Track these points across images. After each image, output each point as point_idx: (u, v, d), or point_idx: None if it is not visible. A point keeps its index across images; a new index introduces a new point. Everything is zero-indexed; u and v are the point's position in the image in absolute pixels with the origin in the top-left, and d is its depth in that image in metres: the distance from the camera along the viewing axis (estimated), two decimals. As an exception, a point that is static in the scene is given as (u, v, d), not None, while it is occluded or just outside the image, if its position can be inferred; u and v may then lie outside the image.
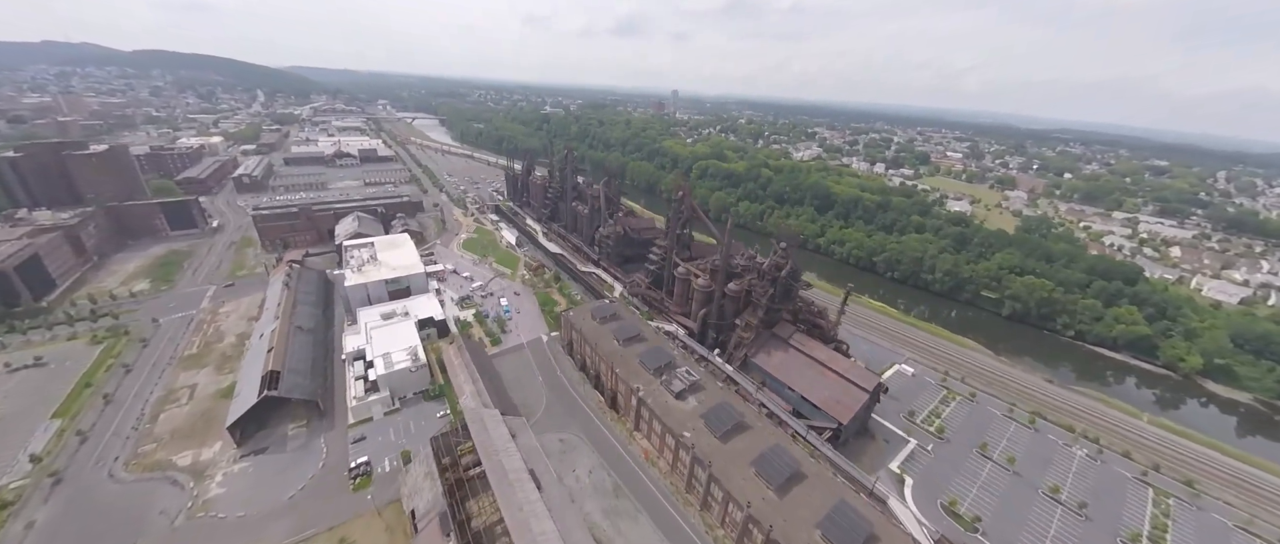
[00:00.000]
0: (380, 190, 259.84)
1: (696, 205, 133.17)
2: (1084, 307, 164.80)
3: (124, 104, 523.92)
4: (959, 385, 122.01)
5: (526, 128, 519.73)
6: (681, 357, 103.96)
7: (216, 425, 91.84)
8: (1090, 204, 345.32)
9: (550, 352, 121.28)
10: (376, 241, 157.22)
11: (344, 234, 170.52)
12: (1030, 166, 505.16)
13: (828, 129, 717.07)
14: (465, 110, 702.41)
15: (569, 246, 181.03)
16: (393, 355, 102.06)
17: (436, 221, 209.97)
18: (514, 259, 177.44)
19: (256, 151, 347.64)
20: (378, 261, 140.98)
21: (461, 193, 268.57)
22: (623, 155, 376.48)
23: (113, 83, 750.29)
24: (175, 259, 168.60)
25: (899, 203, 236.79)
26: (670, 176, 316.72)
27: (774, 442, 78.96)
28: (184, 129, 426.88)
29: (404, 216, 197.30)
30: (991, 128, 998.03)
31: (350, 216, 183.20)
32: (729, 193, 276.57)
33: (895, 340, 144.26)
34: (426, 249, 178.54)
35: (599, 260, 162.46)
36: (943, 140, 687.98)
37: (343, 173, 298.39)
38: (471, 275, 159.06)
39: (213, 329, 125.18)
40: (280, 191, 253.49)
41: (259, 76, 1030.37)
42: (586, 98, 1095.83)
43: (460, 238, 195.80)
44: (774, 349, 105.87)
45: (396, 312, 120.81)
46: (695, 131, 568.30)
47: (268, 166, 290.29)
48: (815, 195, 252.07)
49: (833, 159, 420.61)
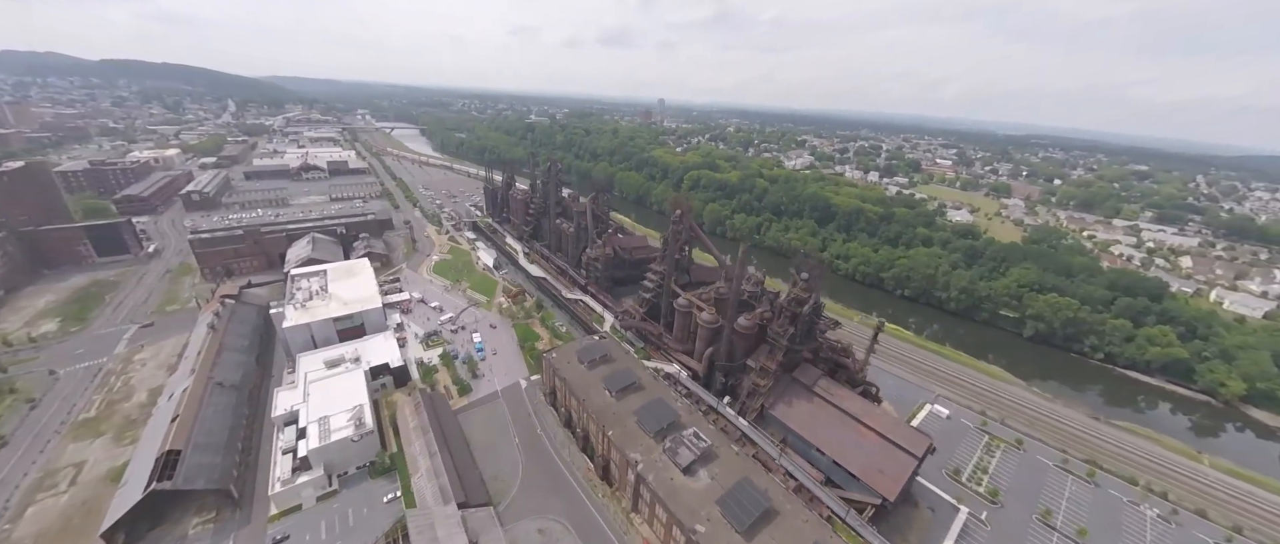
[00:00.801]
0: (346, 207, 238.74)
1: (697, 226, 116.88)
2: (1113, 327, 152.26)
3: (79, 115, 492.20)
4: (1001, 429, 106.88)
5: (510, 137, 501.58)
6: (686, 410, 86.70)
7: (98, 523, 71.51)
8: (1087, 211, 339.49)
9: (530, 401, 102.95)
10: (330, 269, 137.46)
11: (295, 260, 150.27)
12: (1019, 173, 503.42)
13: (815, 137, 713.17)
14: (447, 119, 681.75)
15: (553, 269, 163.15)
16: (333, 420, 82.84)
17: (406, 241, 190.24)
18: (491, 283, 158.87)
19: (216, 165, 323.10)
20: (328, 294, 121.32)
21: (437, 208, 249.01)
22: (610, 165, 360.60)
23: (73, 93, 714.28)
24: (97, 292, 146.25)
25: (903, 214, 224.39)
26: (660, 187, 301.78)
27: (813, 539, 61.91)
28: (141, 141, 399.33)
29: (368, 237, 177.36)
30: (972, 134, 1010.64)
31: (305, 239, 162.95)
32: (723, 204, 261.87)
33: (920, 372, 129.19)
34: (391, 275, 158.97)
35: (587, 285, 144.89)
36: (929, 147, 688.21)
37: (308, 187, 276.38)
38: (441, 305, 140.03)
39: (121, 383, 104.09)
40: (235, 209, 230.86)
41: (232, 86, 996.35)
42: (574, 107, 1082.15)
43: (432, 260, 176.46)
44: (796, 398, 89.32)
45: (345, 357, 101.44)
46: (684, 140, 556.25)
47: (224, 181, 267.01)
48: (814, 207, 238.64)
49: (826, 167, 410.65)
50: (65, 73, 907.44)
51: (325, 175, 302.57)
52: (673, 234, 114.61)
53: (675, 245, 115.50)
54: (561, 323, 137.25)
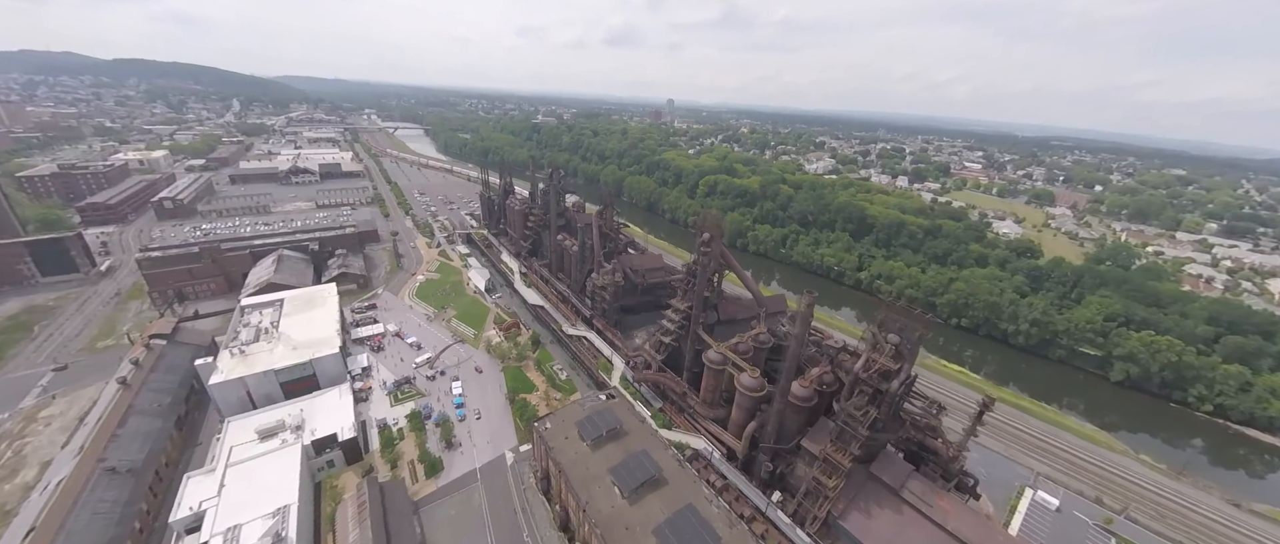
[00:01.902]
0: (332, 215, 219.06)
1: (729, 253, 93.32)
2: (1224, 374, 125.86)
3: (77, 114, 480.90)
4: (1129, 526, 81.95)
5: (515, 138, 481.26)
6: (726, 521, 63.29)
7: None
8: (1141, 222, 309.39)
9: (516, 487, 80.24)
10: (289, 298, 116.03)
11: (256, 283, 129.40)
12: (1055, 178, 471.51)
13: (832, 138, 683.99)
14: (452, 119, 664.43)
15: (553, 296, 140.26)
16: (245, 530, 60.81)
17: (390, 257, 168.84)
18: (482, 311, 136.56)
19: (203, 167, 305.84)
20: (276, 334, 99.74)
21: (431, 215, 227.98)
22: (619, 168, 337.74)
23: (80, 92, 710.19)
24: (28, 319, 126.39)
25: (952, 228, 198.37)
26: (674, 193, 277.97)
27: None
28: (133, 142, 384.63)
29: (345, 254, 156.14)
30: (993, 136, 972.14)
31: (270, 257, 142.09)
32: (743, 214, 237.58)
33: (1006, 437, 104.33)
34: (367, 300, 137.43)
35: (592, 318, 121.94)
36: (954, 150, 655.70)
37: (295, 192, 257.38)
38: (419, 342, 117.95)
39: (11, 453, 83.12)
40: (212, 217, 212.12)
41: (241, 85, 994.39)
42: (581, 107, 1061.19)
43: (417, 280, 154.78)
44: (877, 505, 65.52)
45: (284, 424, 79.55)
46: (696, 142, 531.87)
47: (206, 186, 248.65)
48: (848, 218, 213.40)
49: (849, 171, 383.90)
50: (78, 72, 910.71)
51: (316, 179, 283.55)
52: (701, 265, 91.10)
53: (703, 278, 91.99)
54: (561, 365, 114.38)
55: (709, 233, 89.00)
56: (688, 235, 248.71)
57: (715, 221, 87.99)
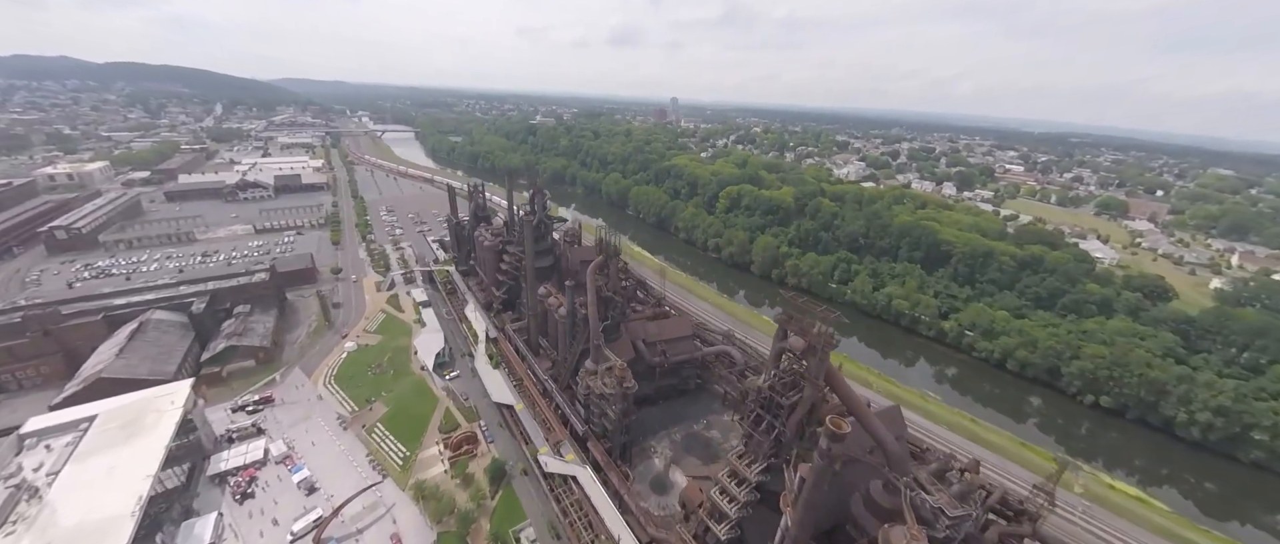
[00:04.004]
0: (265, 242, 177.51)
1: (839, 373, 49.34)
2: None
3: (35, 121, 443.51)
4: None
5: (509, 142, 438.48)
6: None
7: None
8: (1237, 238, 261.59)
9: None
10: (101, 418, 73.24)
11: (87, 374, 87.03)
12: (1109, 182, 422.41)
13: (850, 136, 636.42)
14: (444, 121, 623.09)
15: (531, 387, 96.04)
16: None
17: (320, 311, 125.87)
18: (426, 406, 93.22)
19: (146, 180, 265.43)
20: (40, 502, 57.20)
21: (392, 242, 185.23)
22: (623, 176, 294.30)
23: (60, 96, 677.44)
24: None
25: (1055, 259, 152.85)
26: (689, 207, 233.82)
27: None
28: (82, 150, 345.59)
29: (249, 312, 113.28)
30: (1002, 132, 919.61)
31: (127, 328, 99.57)
32: (776, 234, 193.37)
33: None
34: (258, 390, 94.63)
35: (585, 436, 78.14)
36: (984, 148, 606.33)
37: (238, 211, 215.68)
38: (311, 478, 74.98)
39: None
40: (116, 249, 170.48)
41: (230, 88, 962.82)
42: (582, 106, 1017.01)
43: (346, 348, 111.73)
44: None
45: None
46: (707, 143, 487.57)
47: (132, 205, 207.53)
48: (914, 243, 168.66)
49: (884, 176, 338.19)
50: (68, 76, 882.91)
51: (269, 194, 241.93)
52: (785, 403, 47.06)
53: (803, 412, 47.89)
54: (534, 528, 70.75)
55: (810, 340, 44.96)
56: (708, 262, 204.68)
57: (824, 338, 44.06)
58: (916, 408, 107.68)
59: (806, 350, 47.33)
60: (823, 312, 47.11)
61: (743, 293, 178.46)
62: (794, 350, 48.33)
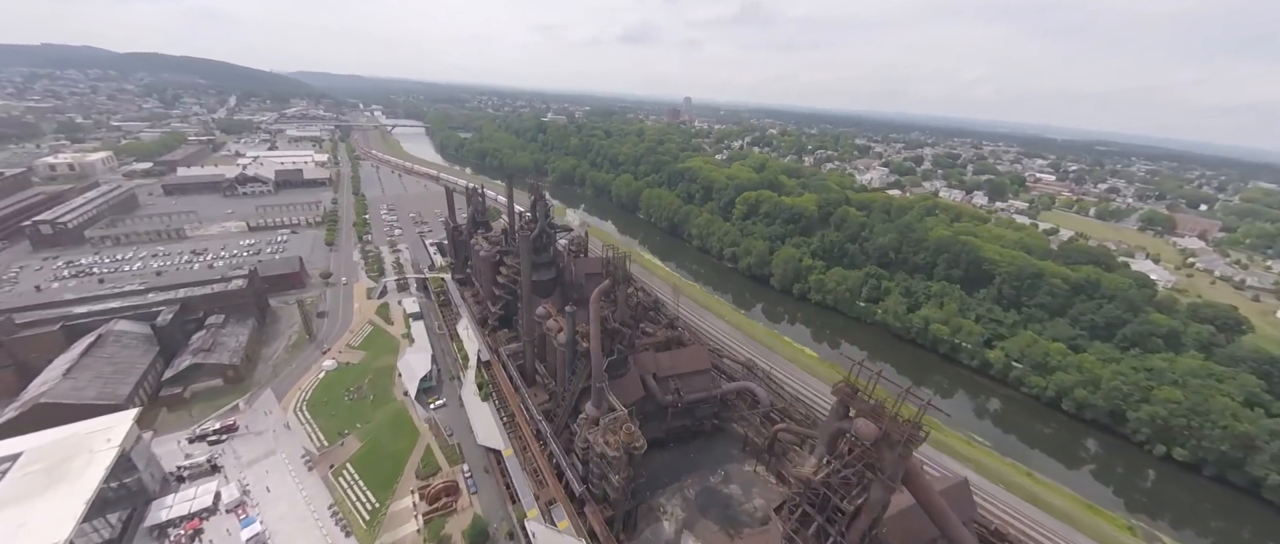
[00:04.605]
0: (257, 241, 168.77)
1: (919, 470, 36.78)
2: None
3: (45, 108, 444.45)
4: None
5: (518, 140, 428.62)
6: None
7: None
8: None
9: None
10: (31, 451, 63.17)
11: (29, 397, 77.40)
12: (1148, 194, 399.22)
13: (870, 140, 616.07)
14: (454, 117, 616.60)
15: (524, 426, 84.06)
16: None
17: (303, 322, 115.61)
18: (405, 441, 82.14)
19: (148, 172, 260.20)
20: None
21: (389, 244, 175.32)
22: (635, 178, 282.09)
23: (80, 85, 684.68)
24: None
25: (1114, 284, 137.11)
26: (704, 212, 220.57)
27: None
28: (90, 140, 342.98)
29: (221, 324, 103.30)
30: (1026, 139, 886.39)
31: (84, 341, 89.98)
32: (799, 245, 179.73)
33: None
34: (220, 417, 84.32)
35: (581, 500, 66.03)
36: (1011, 155, 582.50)
37: (234, 206, 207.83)
38: (263, 532, 64.15)
39: None
40: (103, 245, 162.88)
41: (246, 79, 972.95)
42: (595, 104, 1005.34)
43: (324, 366, 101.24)
44: None
45: None
46: (722, 144, 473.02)
47: (127, 199, 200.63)
48: (952, 260, 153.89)
49: (910, 183, 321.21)
50: (92, 65, 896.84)
51: (269, 189, 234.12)
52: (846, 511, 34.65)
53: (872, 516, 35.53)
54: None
55: (886, 429, 32.23)
56: (724, 272, 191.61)
57: (908, 430, 31.47)
58: (962, 457, 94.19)
59: (880, 440, 34.78)
60: (908, 391, 34.43)
61: (760, 306, 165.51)
62: (862, 439, 35.75)
